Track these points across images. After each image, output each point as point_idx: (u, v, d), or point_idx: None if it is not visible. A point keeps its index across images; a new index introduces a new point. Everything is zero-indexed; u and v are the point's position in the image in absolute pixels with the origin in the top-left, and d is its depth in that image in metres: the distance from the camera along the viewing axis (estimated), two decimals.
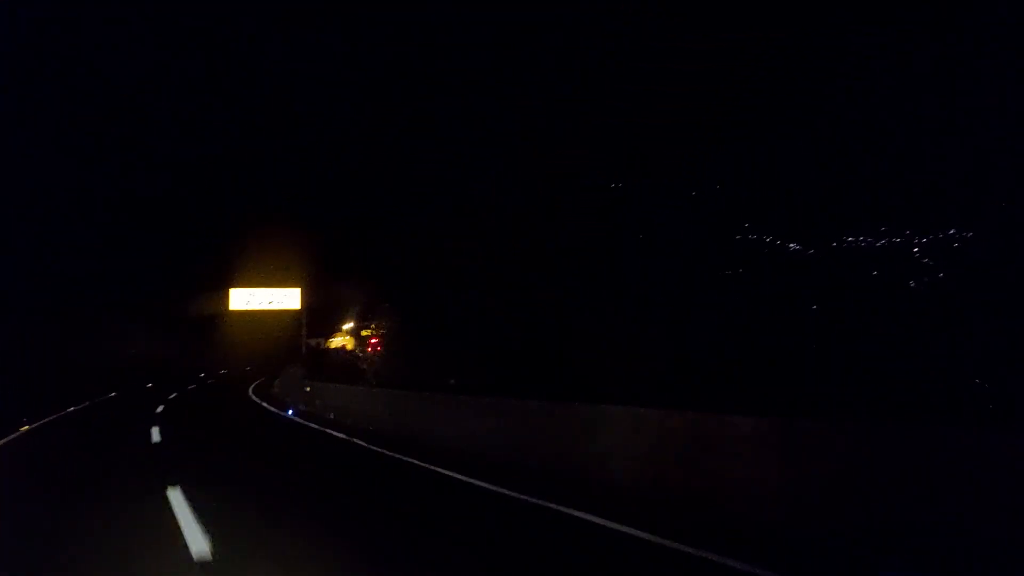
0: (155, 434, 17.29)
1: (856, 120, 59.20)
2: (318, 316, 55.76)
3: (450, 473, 10.69)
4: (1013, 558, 5.09)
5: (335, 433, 17.14)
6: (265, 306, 42.95)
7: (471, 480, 10.18)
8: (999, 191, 45.69)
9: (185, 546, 6.25)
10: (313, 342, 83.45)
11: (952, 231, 47.73)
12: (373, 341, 55.76)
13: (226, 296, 42.61)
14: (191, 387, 46.69)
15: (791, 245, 52.81)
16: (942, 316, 30.75)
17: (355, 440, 15.23)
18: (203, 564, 5.71)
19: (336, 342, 65.62)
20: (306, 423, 20.88)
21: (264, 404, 29.48)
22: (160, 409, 26.52)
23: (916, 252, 45.85)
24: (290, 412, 24.75)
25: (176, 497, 8.55)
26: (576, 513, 7.60)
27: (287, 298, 43.50)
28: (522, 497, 8.71)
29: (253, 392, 39.79)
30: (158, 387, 43.28)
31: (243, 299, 42.45)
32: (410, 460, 12.36)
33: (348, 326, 63.68)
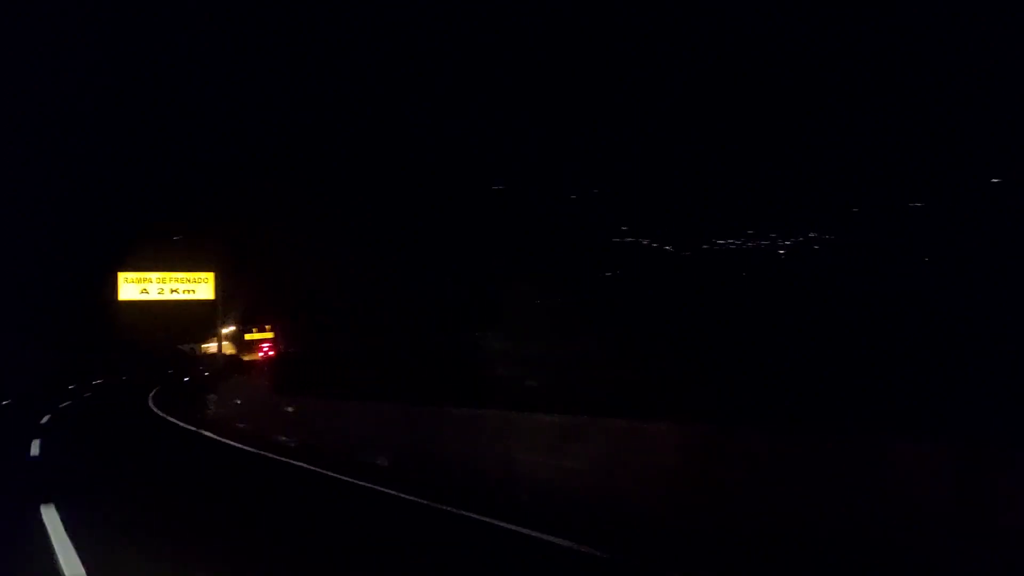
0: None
1: (724, 128, 61.85)
2: (206, 318, 46.39)
3: (341, 477, 10.73)
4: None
5: (233, 444, 16.33)
6: (169, 296, 32.65)
7: (358, 481, 10.27)
8: (856, 197, 48.89)
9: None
10: (186, 347, 78.13)
11: (812, 234, 50.88)
12: (265, 346, 52.52)
13: (114, 283, 32.19)
14: (86, 395, 42.93)
15: (667, 247, 54.89)
16: (806, 315, 32.46)
17: (263, 453, 14.51)
18: None
19: (213, 347, 61.30)
20: (199, 431, 19.80)
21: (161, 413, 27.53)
22: (46, 420, 24.67)
23: (781, 254, 48.56)
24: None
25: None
26: (475, 516, 7.64)
27: (198, 286, 32.98)
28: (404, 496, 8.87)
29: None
30: (48, 394, 39.27)
31: (135, 287, 32.13)
32: (307, 467, 11.99)
33: (229, 330, 59.54)
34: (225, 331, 60.34)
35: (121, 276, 32.01)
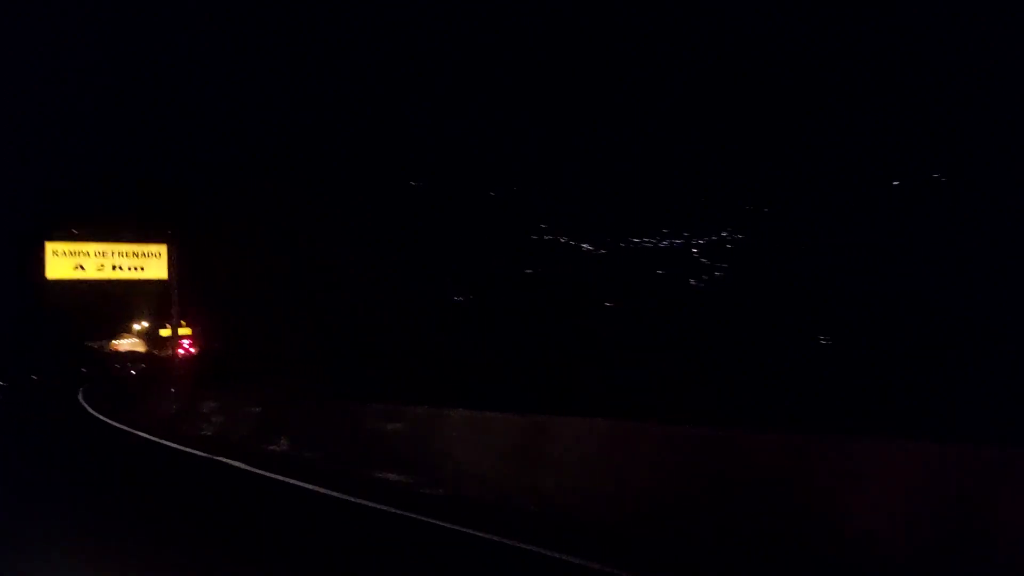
0: None
1: (639, 128, 62.91)
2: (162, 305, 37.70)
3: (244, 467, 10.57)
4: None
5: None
6: (111, 274, 24.61)
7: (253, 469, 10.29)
8: (765, 197, 50.52)
9: None
10: (95, 344, 73.33)
11: (725, 233, 52.37)
12: (186, 343, 48.54)
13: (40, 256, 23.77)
14: None
15: (584, 246, 55.71)
16: (721, 312, 33.47)
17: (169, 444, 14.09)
18: None
19: (125, 344, 57.00)
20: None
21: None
22: None
23: (695, 252, 49.90)
24: None
25: None
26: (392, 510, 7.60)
27: (147, 262, 25.66)
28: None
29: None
30: None
31: (68, 263, 23.77)
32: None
33: (141, 325, 54.82)
34: (137, 327, 55.75)
35: (49, 248, 23.81)
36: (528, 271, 49.12)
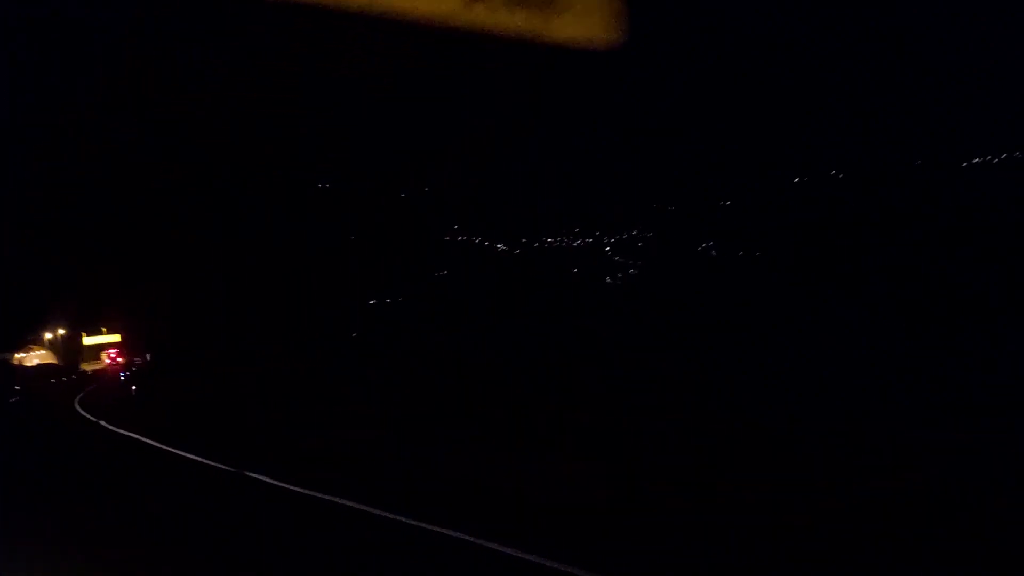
0: None
1: (551, 130, 63.58)
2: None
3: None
4: None
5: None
6: None
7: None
8: (674, 195, 51.77)
9: None
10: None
11: (635, 231, 53.32)
12: (113, 352, 44.40)
13: None
14: None
15: (498, 245, 55.61)
16: (636, 309, 33.94)
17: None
18: None
19: (32, 357, 50.52)
20: None
21: None
22: None
23: (608, 251, 50.50)
24: None
25: None
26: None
27: None
28: None
29: None
30: None
31: None
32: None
33: (53, 335, 48.84)
34: (48, 336, 48.72)
35: None
36: (441, 272, 48.87)
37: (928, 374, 10.87)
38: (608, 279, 44.73)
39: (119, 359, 39.69)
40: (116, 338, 47.23)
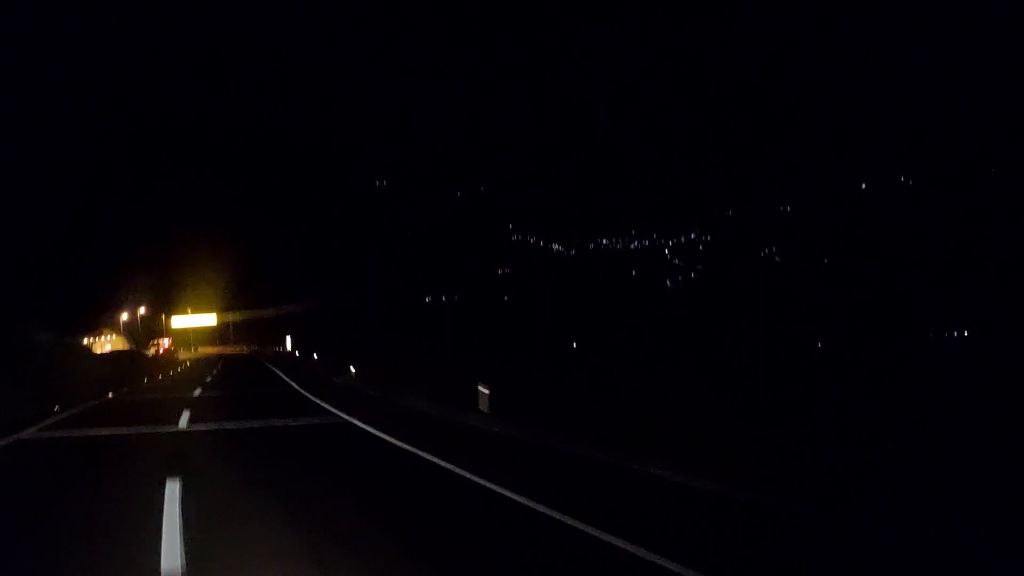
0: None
1: (605, 130, 63.30)
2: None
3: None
4: None
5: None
6: None
7: None
8: (731, 200, 51.19)
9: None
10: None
11: (693, 235, 52.84)
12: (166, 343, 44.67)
13: None
14: None
15: (554, 246, 55.58)
16: (698, 313, 33.75)
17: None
18: None
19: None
20: None
21: None
22: None
23: (667, 253, 50.12)
24: None
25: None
26: None
27: None
28: None
29: None
30: None
31: None
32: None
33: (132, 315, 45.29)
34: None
35: None
36: (503, 271, 49.04)
37: None
38: (668, 282, 44.54)
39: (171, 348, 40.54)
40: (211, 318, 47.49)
